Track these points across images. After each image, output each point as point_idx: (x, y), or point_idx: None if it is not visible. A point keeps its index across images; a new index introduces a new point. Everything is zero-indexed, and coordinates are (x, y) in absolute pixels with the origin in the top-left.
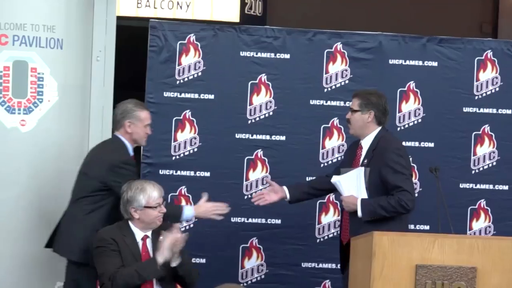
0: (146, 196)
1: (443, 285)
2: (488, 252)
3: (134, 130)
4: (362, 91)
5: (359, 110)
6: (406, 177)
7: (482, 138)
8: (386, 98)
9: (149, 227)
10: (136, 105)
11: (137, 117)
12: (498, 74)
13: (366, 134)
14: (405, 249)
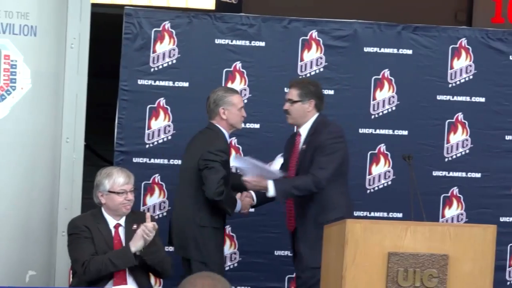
0: (111, 181)
1: (415, 273)
2: (460, 240)
3: (229, 116)
4: (298, 81)
5: (299, 100)
6: (329, 156)
7: (455, 126)
8: (320, 85)
9: (117, 214)
10: (226, 91)
11: (229, 103)
12: (472, 62)
13: (305, 122)
14: (378, 237)
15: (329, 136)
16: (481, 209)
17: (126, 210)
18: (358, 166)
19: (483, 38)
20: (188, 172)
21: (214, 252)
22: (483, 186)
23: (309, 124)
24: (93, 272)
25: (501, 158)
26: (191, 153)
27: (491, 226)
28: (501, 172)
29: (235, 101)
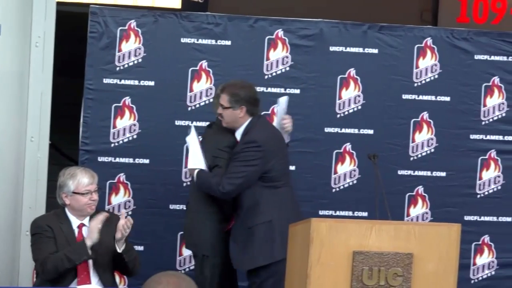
0: (76, 182)
1: (380, 272)
2: (425, 239)
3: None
4: (230, 85)
5: (230, 107)
6: (240, 165)
7: (421, 125)
8: (254, 88)
9: (82, 214)
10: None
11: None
12: (438, 62)
13: (239, 127)
14: (343, 236)
15: (244, 146)
16: (446, 208)
17: (91, 210)
18: (324, 165)
19: (448, 37)
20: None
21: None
22: (448, 185)
23: (242, 129)
24: (50, 269)
25: (466, 157)
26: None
27: (456, 225)
28: (465, 171)
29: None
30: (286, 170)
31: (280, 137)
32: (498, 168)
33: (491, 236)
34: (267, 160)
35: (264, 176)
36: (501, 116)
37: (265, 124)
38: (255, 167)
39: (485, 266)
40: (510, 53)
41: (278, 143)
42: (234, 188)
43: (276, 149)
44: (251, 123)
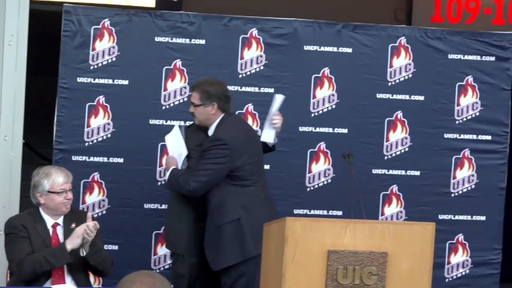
0: (51, 181)
1: (355, 270)
2: (399, 237)
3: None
4: (201, 83)
5: (201, 104)
6: (216, 164)
7: (395, 124)
8: (225, 85)
9: (57, 213)
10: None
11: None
12: (412, 61)
13: (211, 123)
14: (317, 235)
15: (210, 144)
16: (420, 207)
17: (66, 209)
18: (298, 164)
19: (422, 37)
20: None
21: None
22: (422, 184)
23: (214, 126)
24: (28, 271)
25: (440, 156)
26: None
27: (430, 223)
28: (439, 170)
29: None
30: (257, 169)
31: (253, 135)
32: (472, 167)
33: (465, 235)
34: (235, 158)
35: (231, 175)
36: (475, 115)
37: (236, 122)
38: (221, 165)
39: (459, 265)
40: (484, 52)
41: (248, 141)
42: (199, 186)
43: (246, 147)
44: (222, 120)
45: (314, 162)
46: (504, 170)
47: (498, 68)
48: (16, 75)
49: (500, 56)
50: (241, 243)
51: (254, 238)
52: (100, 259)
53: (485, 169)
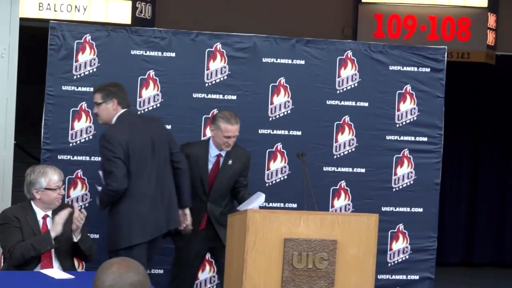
0: (47, 179)
1: (308, 256)
2: (347, 227)
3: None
4: (101, 85)
5: (103, 102)
6: (112, 161)
7: (343, 127)
8: (123, 85)
9: (49, 207)
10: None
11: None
12: (357, 72)
13: (112, 119)
14: (275, 225)
15: (100, 143)
16: (366, 200)
17: (58, 203)
18: (258, 162)
19: (366, 50)
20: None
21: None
22: (367, 180)
23: (114, 122)
24: (17, 255)
25: (383, 156)
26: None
27: (374, 215)
28: (382, 168)
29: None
30: (146, 164)
31: (145, 132)
32: (411, 165)
33: (405, 224)
34: (121, 152)
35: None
36: (413, 119)
37: (126, 118)
38: (116, 158)
39: (400, 251)
40: (420, 64)
41: (139, 137)
42: (117, 180)
43: (134, 144)
44: (119, 117)
45: (272, 160)
46: (438, 167)
47: (433, 78)
48: (8, 83)
49: (434, 67)
50: (127, 231)
51: (139, 227)
52: (89, 244)
53: (422, 167)
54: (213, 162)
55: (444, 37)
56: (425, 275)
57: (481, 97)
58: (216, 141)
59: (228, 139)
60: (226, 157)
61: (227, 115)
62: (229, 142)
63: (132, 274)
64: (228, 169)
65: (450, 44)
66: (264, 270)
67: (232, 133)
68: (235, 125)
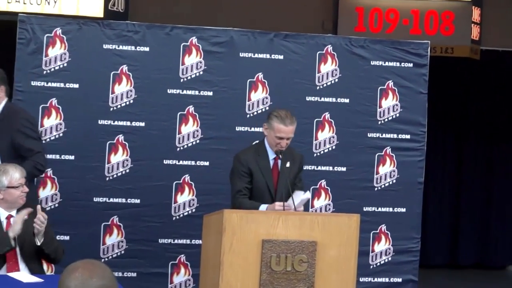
0: (9, 177)
1: (287, 258)
2: (327, 228)
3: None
4: None
5: None
6: (37, 140)
7: (323, 124)
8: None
9: (13, 206)
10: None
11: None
12: (337, 67)
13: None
14: (253, 225)
15: (28, 124)
16: (347, 200)
17: (22, 201)
18: None
19: (347, 45)
20: None
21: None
22: (348, 179)
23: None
24: None
25: (364, 154)
26: None
27: (355, 215)
28: (364, 166)
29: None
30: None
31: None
32: (393, 163)
33: (387, 225)
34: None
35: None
36: (395, 116)
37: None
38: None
39: (382, 253)
40: (403, 59)
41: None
42: (44, 159)
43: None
44: (10, 105)
45: None
46: (422, 166)
47: (416, 73)
48: None
49: (417, 63)
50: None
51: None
52: (53, 247)
53: (405, 165)
54: (272, 165)
55: (427, 31)
56: (408, 278)
57: (466, 93)
58: (269, 142)
59: (280, 140)
60: (284, 159)
61: (282, 114)
62: (281, 144)
63: (96, 280)
64: (287, 171)
65: (434, 38)
66: (241, 273)
67: (285, 134)
68: (289, 126)
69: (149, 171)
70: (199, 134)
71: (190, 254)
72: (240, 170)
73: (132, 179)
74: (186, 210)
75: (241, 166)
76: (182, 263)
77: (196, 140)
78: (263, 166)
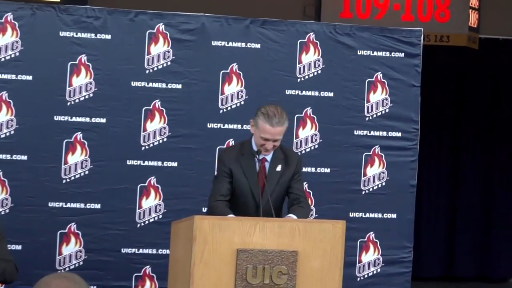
0: None
1: (264, 270)
2: (310, 236)
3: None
4: None
5: None
6: None
7: (304, 120)
8: None
9: None
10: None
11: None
12: (321, 57)
13: None
14: (226, 233)
15: None
16: (331, 205)
17: None
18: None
19: (331, 32)
20: None
21: None
22: (333, 182)
23: None
24: None
25: (350, 153)
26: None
27: (340, 221)
28: (350, 167)
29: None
30: None
31: None
32: (383, 164)
33: (376, 233)
34: None
35: None
36: (385, 112)
37: None
38: None
39: (370, 264)
40: (393, 48)
41: None
42: None
43: None
44: None
45: None
46: (414, 167)
47: (407, 64)
48: None
49: (409, 52)
50: None
51: None
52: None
53: (395, 166)
54: (258, 167)
55: (421, 17)
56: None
57: (463, 86)
58: (256, 141)
59: (265, 141)
60: (273, 162)
61: (271, 112)
62: (266, 146)
63: None
64: (277, 176)
65: (427, 25)
66: (214, 286)
67: (271, 135)
68: (276, 127)
69: (111, 173)
70: (166, 131)
71: (157, 265)
72: (221, 169)
73: (91, 182)
74: (152, 216)
75: (221, 165)
76: (147, 275)
77: (163, 138)
78: (248, 167)
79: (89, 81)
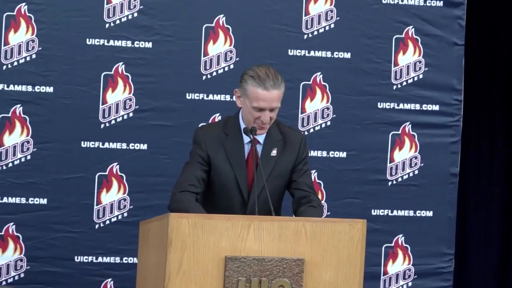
0: None
1: (261, 283)
2: (319, 240)
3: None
4: None
5: None
6: None
7: (313, 90)
8: None
9: None
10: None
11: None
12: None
13: None
14: (212, 237)
15: None
16: (347, 199)
17: None
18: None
19: None
20: None
21: None
22: (349, 169)
23: None
24: None
25: (373, 133)
26: None
27: (360, 221)
28: (372, 151)
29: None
30: None
31: None
32: (415, 146)
33: (406, 236)
34: None
35: None
36: (418, 78)
37: None
38: None
39: (399, 276)
40: None
41: None
42: None
43: None
44: None
45: None
46: (456, 150)
47: (448, 16)
48: None
49: (450, 0)
50: None
51: None
52: None
53: (431, 150)
54: (247, 151)
55: None
56: None
57: None
58: (245, 116)
59: (260, 112)
60: (267, 144)
61: (262, 73)
62: (262, 119)
63: None
64: (272, 162)
65: None
66: None
67: (267, 103)
68: (272, 90)
69: (60, 159)
70: (132, 104)
71: (121, 278)
72: (195, 153)
73: (35, 170)
74: (114, 215)
75: (197, 148)
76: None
77: (128, 113)
78: (233, 152)
79: (31, 38)
